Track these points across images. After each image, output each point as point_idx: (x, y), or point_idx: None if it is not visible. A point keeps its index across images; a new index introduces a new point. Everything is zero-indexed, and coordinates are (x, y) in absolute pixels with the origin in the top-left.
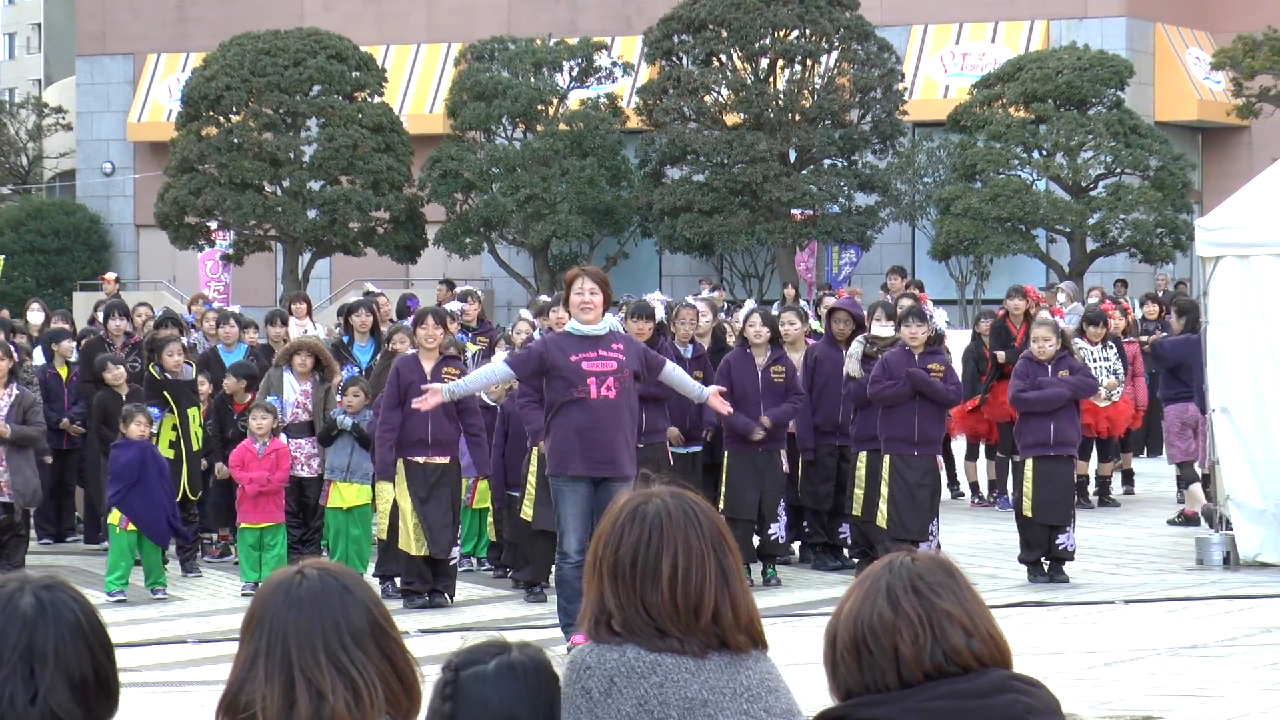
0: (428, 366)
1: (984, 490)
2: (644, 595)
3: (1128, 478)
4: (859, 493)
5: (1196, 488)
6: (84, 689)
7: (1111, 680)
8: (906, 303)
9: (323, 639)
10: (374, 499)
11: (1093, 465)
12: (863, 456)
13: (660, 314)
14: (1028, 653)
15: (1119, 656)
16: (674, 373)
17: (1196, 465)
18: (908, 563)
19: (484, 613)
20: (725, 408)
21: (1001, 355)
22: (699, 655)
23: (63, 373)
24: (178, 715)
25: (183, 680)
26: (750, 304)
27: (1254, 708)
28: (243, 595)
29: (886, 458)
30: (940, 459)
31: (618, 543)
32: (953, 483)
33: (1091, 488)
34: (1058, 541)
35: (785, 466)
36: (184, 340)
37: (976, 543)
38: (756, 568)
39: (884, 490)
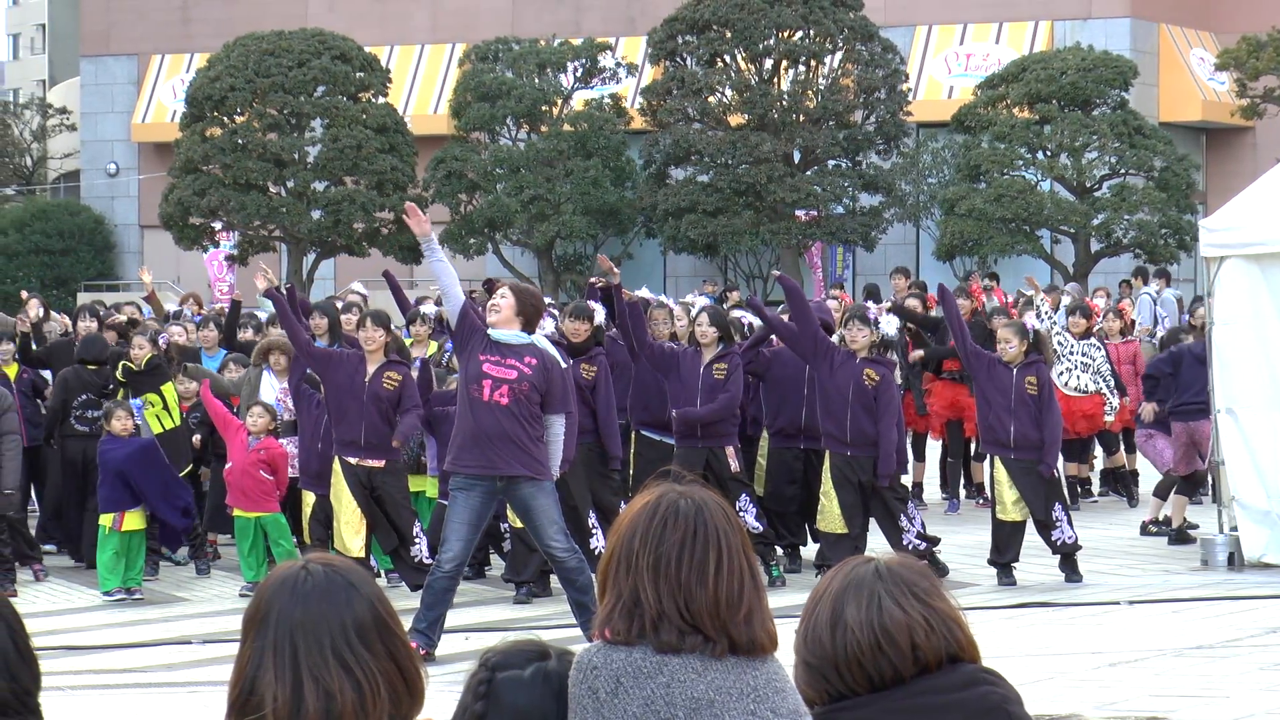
0: (370, 369)
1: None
2: (688, 591)
3: (1134, 477)
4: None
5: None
6: (6, 662)
7: (1116, 681)
8: (914, 303)
9: (329, 636)
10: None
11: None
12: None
13: (599, 318)
14: (1033, 654)
15: (1124, 657)
16: (558, 425)
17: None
18: (895, 569)
19: (474, 615)
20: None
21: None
22: (719, 656)
23: (10, 372)
24: (183, 716)
25: (188, 681)
26: (702, 300)
27: (1258, 708)
28: (240, 595)
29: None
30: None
31: (659, 539)
32: (944, 484)
33: (1096, 487)
34: (1054, 538)
35: (736, 466)
36: (146, 335)
37: (980, 544)
38: None
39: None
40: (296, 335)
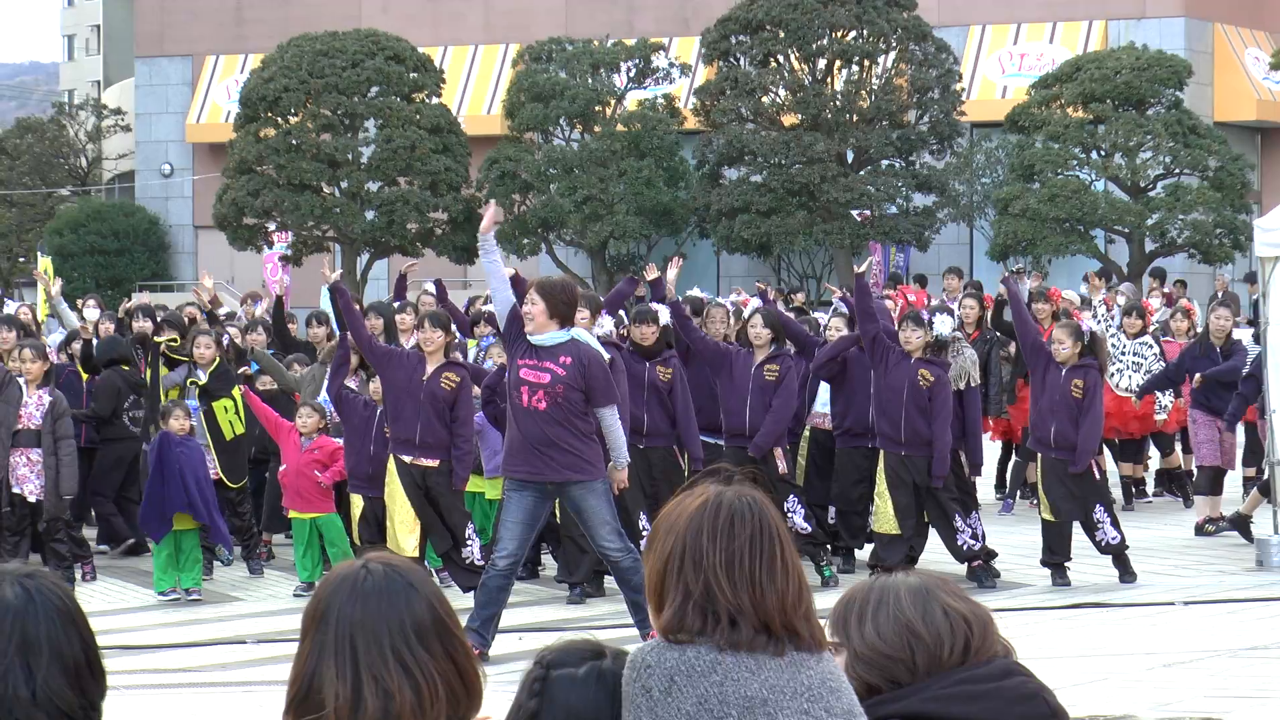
0: (429, 369)
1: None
2: (762, 587)
3: (1189, 477)
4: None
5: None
6: (77, 673)
7: (1171, 681)
8: (970, 303)
9: (388, 636)
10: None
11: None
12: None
13: (665, 318)
14: (1087, 654)
15: (1178, 658)
16: (609, 417)
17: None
18: (940, 577)
19: (528, 616)
20: (620, 483)
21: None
22: (780, 654)
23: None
24: (237, 715)
25: (242, 680)
26: (755, 302)
27: None
28: (295, 596)
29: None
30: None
31: (729, 536)
32: (999, 484)
33: (1151, 487)
34: (1097, 539)
35: (783, 467)
36: (212, 336)
37: (1034, 544)
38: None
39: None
40: (359, 331)
